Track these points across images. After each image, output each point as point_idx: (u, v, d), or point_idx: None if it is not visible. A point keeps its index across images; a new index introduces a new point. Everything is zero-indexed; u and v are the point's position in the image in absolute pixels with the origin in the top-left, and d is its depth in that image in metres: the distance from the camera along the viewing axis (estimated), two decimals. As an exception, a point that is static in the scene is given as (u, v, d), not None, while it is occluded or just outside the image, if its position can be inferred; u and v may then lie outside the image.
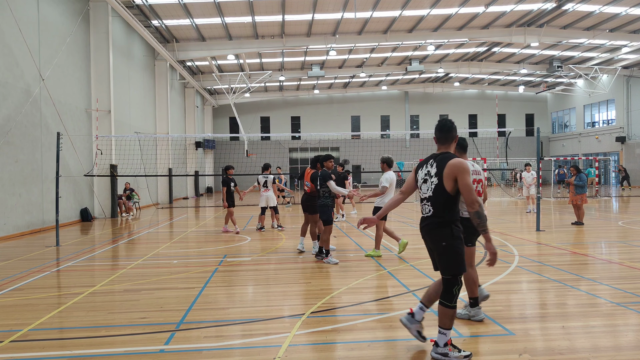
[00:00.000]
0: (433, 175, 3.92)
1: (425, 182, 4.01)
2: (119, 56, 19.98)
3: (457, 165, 3.80)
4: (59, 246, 10.57)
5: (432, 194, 3.91)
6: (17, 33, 12.70)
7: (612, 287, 6.10)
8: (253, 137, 42.56)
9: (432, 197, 3.91)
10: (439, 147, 4.08)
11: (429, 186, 3.94)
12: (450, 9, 23.25)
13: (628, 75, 35.02)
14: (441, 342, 3.89)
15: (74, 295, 6.19)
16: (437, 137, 4.08)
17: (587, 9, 23.29)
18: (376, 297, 5.89)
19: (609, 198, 24.27)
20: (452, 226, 3.86)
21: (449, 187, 3.81)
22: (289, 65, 33.89)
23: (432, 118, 46.08)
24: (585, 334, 4.46)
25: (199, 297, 5.98)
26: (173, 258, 8.99)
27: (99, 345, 4.41)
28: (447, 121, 4.10)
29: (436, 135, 4.09)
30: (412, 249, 9.37)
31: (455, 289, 3.87)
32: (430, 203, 3.93)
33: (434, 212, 3.91)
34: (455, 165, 3.80)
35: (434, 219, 3.91)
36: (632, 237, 10.78)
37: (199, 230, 13.83)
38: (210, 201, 29.60)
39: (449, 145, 4.03)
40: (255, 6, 21.57)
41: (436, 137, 4.09)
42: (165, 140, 27.00)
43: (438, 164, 3.91)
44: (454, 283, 3.87)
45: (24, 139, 13.05)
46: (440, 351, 3.88)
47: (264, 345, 4.35)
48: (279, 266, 8.12)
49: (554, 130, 46.64)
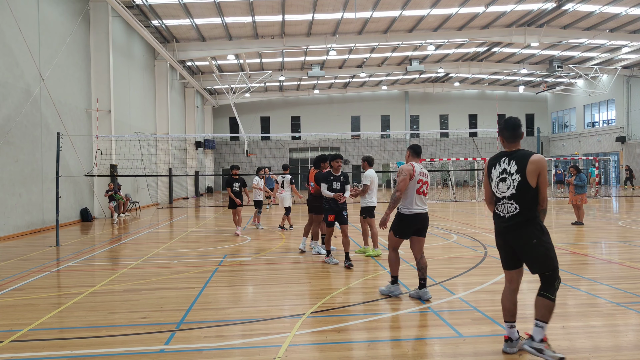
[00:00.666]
0: (514, 172, 3.87)
1: (503, 181, 3.94)
2: (119, 56, 19.99)
3: (541, 162, 3.81)
4: (59, 246, 10.58)
5: (515, 192, 3.85)
6: (17, 33, 12.70)
7: (612, 287, 6.10)
8: (253, 137, 42.55)
9: (517, 195, 3.85)
10: (508, 145, 4.03)
11: (510, 184, 3.88)
12: (450, 9, 23.25)
13: (628, 75, 35.01)
14: (538, 336, 3.86)
15: (74, 295, 6.20)
16: (506, 135, 4.02)
17: (587, 9, 23.29)
18: (376, 297, 5.89)
19: (609, 198, 24.26)
20: (538, 222, 3.86)
21: (534, 183, 3.80)
22: (289, 65, 33.89)
23: (432, 118, 46.10)
24: (585, 334, 4.47)
25: (199, 297, 5.98)
26: (173, 258, 8.99)
27: (99, 345, 4.41)
28: (514, 119, 4.05)
29: (504, 134, 4.03)
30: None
31: (556, 283, 3.87)
32: (514, 201, 3.87)
33: (520, 210, 3.85)
34: (539, 161, 3.81)
35: (520, 218, 3.85)
36: (632, 237, 10.78)
37: (199, 230, 13.83)
38: (210, 201, 29.61)
39: (518, 142, 4.02)
40: (255, 6, 21.57)
41: (504, 135, 4.03)
42: (165, 140, 27.00)
43: (518, 162, 3.87)
44: (555, 277, 3.86)
45: (24, 139, 13.05)
46: (536, 346, 3.84)
47: (264, 345, 4.35)
48: (279, 266, 8.12)
49: (554, 130, 46.63)
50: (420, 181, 5.70)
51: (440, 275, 6.91)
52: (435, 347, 4.22)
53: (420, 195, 5.70)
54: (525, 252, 3.87)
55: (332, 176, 7.89)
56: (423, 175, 5.76)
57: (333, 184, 7.87)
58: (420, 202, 5.70)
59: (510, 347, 4.01)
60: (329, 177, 7.92)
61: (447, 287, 6.24)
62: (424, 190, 5.75)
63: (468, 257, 8.47)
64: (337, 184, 7.90)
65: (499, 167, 4.00)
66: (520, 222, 3.84)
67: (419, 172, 5.72)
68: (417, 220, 5.69)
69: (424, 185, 5.75)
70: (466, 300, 5.61)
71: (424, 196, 5.75)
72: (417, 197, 5.68)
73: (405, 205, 5.67)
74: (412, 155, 5.87)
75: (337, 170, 7.95)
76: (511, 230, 3.91)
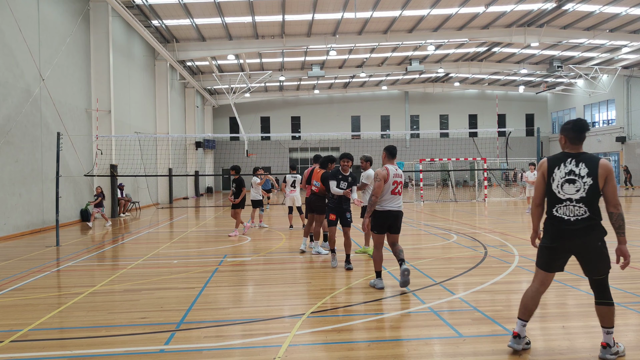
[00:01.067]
0: (585, 175, 3.83)
1: (571, 183, 3.87)
2: (119, 56, 19.99)
3: (609, 166, 3.84)
4: (59, 246, 10.58)
5: (585, 195, 3.81)
6: (17, 33, 12.70)
7: (612, 287, 6.06)
8: (253, 137, 42.55)
9: (587, 198, 3.82)
10: (572, 147, 3.97)
11: (581, 187, 3.83)
12: (450, 9, 23.25)
13: (628, 76, 35.01)
14: (612, 342, 3.88)
15: (74, 295, 6.20)
16: (572, 136, 3.95)
17: (587, 9, 23.29)
18: (376, 297, 5.89)
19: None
20: (602, 225, 3.87)
21: (602, 187, 3.82)
22: (289, 65, 33.89)
23: (432, 118, 46.10)
24: (585, 334, 4.47)
25: (199, 297, 5.98)
26: (173, 258, 8.99)
27: (99, 345, 4.41)
28: (583, 121, 4.01)
29: (569, 134, 3.96)
30: (412, 249, 9.38)
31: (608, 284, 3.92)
32: (583, 204, 3.83)
33: (590, 214, 3.83)
34: (607, 165, 3.83)
35: (590, 221, 3.82)
36: (632, 237, 10.77)
37: (199, 230, 13.83)
38: (211, 201, 29.61)
39: (582, 144, 4.00)
40: (255, 6, 21.57)
41: (569, 136, 3.96)
42: (165, 140, 27.01)
43: (588, 164, 3.83)
44: (607, 280, 3.90)
45: (24, 139, 13.05)
46: (614, 351, 3.87)
47: (264, 345, 4.35)
48: (279, 266, 8.12)
49: (554, 130, 46.63)
50: (395, 182, 6.13)
51: (440, 275, 6.91)
52: (435, 347, 4.22)
53: (395, 195, 6.15)
54: (590, 255, 3.84)
55: (341, 175, 7.78)
56: (398, 177, 6.18)
57: (340, 183, 7.78)
58: (394, 201, 6.15)
59: (517, 344, 4.02)
60: (337, 175, 7.81)
61: (447, 287, 6.24)
62: (399, 189, 6.20)
63: (468, 257, 8.46)
64: (344, 183, 7.78)
65: (564, 168, 3.91)
66: (590, 225, 3.80)
67: (394, 174, 6.14)
68: (390, 217, 6.14)
69: (398, 185, 6.18)
70: (466, 300, 5.61)
71: (399, 195, 6.20)
72: (392, 197, 6.13)
73: (379, 203, 6.11)
74: (388, 157, 6.30)
75: (345, 170, 7.82)
76: (578, 234, 3.83)
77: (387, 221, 6.14)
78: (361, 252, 9.07)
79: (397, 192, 6.14)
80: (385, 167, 6.14)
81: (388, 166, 6.16)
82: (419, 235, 11.81)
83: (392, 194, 6.10)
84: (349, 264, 7.61)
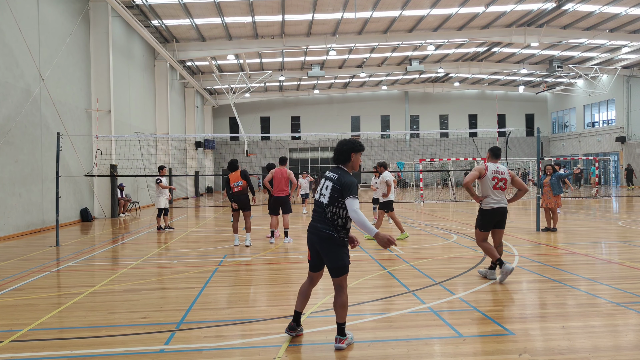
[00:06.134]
0: None
1: None
2: (119, 56, 19.99)
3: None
4: (59, 246, 10.57)
5: None
6: (17, 33, 12.70)
7: (612, 287, 6.10)
8: (253, 137, 42.55)
9: None
10: None
11: None
12: (450, 9, 23.25)
13: (628, 76, 35.01)
14: None
15: (74, 295, 6.19)
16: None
17: (587, 9, 23.29)
18: (376, 297, 5.89)
19: (609, 198, 24.26)
20: None
21: None
22: (289, 65, 33.89)
23: (432, 118, 46.09)
24: (585, 334, 4.46)
25: (199, 297, 5.98)
26: (173, 258, 8.99)
27: (99, 345, 4.41)
28: None
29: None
30: (412, 249, 9.38)
31: None
32: None
33: None
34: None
35: None
36: (632, 237, 10.77)
37: (199, 230, 13.83)
38: (210, 201, 29.61)
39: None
40: (255, 6, 21.57)
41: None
42: (165, 140, 27.01)
43: None
44: None
45: (24, 139, 13.05)
46: None
47: (264, 345, 4.35)
48: (279, 266, 8.12)
49: (554, 130, 46.63)
50: (495, 178, 6.55)
51: (440, 275, 6.91)
52: (435, 347, 4.22)
53: (497, 190, 6.54)
54: None
55: None
56: (497, 173, 6.57)
57: None
58: (498, 197, 6.57)
59: None
60: None
61: (447, 287, 6.24)
62: (501, 185, 6.57)
63: (468, 257, 8.46)
64: None
65: None
66: None
67: (492, 170, 6.57)
68: (497, 214, 6.58)
69: (499, 181, 6.56)
70: (466, 300, 5.60)
71: (502, 191, 6.57)
72: (495, 193, 6.54)
73: (485, 202, 6.60)
74: (491, 157, 6.79)
75: None
76: None
77: (494, 218, 6.57)
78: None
79: (500, 188, 6.53)
80: (485, 164, 6.66)
81: (488, 164, 6.64)
82: (419, 235, 11.81)
83: (495, 189, 6.53)
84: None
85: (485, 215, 6.61)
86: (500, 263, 6.39)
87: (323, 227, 4.17)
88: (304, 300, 4.39)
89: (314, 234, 4.23)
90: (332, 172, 4.29)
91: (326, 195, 4.20)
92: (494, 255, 6.47)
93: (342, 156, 4.30)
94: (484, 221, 6.64)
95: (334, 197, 4.14)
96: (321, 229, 4.17)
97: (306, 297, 4.40)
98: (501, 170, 6.59)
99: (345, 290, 4.19)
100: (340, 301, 4.17)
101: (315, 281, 4.40)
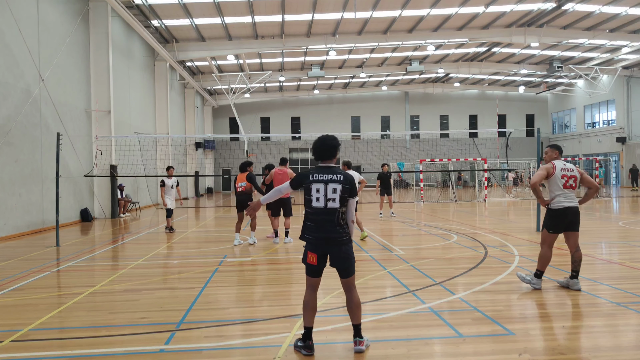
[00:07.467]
0: None
1: None
2: (118, 56, 19.99)
3: None
4: (59, 246, 10.57)
5: None
6: (17, 33, 12.70)
7: (612, 287, 6.10)
8: (253, 138, 42.56)
9: None
10: None
11: None
12: (450, 9, 23.26)
13: (628, 76, 35.01)
14: None
15: (74, 295, 6.19)
16: None
17: (587, 9, 23.30)
18: (376, 297, 5.89)
19: (609, 198, 24.26)
20: None
21: None
22: (289, 65, 33.89)
23: (432, 118, 46.09)
24: (585, 334, 4.46)
25: (199, 297, 5.97)
26: (173, 258, 8.99)
27: (99, 345, 4.40)
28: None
29: None
30: (413, 249, 9.38)
31: None
32: None
33: None
34: None
35: None
36: (633, 237, 10.77)
37: (199, 230, 13.83)
38: (211, 202, 29.60)
39: None
40: (255, 6, 21.58)
41: None
42: (165, 141, 27.00)
43: None
44: None
45: (24, 139, 13.05)
46: None
47: (264, 345, 4.35)
48: (279, 266, 8.12)
49: (554, 130, 46.63)
50: (564, 176, 6.00)
51: (441, 275, 6.91)
52: (435, 347, 4.22)
53: (567, 189, 5.99)
54: None
55: None
56: (566, 170, 6.02)
57: None
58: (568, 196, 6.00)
59: None
60: None
61: (447, 287, 6.24)
62: (571, 184, 6.05)
63: (468, 257, 8.46)
64: None
65: None
66: None
67: (561, 167, 6.02)
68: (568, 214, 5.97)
69: (569, 179, 6.03)
70: (466, 300, 5.60)
71: (572, 189, 6.03)
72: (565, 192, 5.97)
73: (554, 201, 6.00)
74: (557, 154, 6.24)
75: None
76: None
77: (565, 219, 5.95)
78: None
79: (570, 187, 6.01)
80: (552, 162, 6.12)
81: (555, 162, 6.11)
82: (420, 235, 11.81)
83: (565, 188, 5.98)
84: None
85: (556, 215, 5.98)
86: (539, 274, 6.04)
87: (339, 235, 3.99)
88: (313, 313, 4.12)
89: (332, 245, 3.99)
90: (329, 173, 4.05)
91: (337, 199, 3.97)
92: (543, 265, 6.05)
93: (330, 152, 4.16)
94: (555, 222, 5.99)
95: (344, 198, 4.02)
96: (338, 238, 3.98)
97: (314, 309, 4.14)
98: (570, 168, 6.06)
99: (356, 289, 4.11)
100: (357, 300, 4.07)
101: (316, 288, 4.20)
